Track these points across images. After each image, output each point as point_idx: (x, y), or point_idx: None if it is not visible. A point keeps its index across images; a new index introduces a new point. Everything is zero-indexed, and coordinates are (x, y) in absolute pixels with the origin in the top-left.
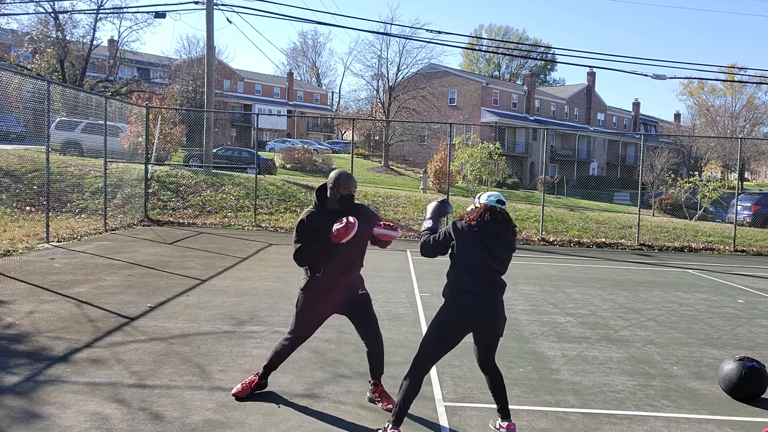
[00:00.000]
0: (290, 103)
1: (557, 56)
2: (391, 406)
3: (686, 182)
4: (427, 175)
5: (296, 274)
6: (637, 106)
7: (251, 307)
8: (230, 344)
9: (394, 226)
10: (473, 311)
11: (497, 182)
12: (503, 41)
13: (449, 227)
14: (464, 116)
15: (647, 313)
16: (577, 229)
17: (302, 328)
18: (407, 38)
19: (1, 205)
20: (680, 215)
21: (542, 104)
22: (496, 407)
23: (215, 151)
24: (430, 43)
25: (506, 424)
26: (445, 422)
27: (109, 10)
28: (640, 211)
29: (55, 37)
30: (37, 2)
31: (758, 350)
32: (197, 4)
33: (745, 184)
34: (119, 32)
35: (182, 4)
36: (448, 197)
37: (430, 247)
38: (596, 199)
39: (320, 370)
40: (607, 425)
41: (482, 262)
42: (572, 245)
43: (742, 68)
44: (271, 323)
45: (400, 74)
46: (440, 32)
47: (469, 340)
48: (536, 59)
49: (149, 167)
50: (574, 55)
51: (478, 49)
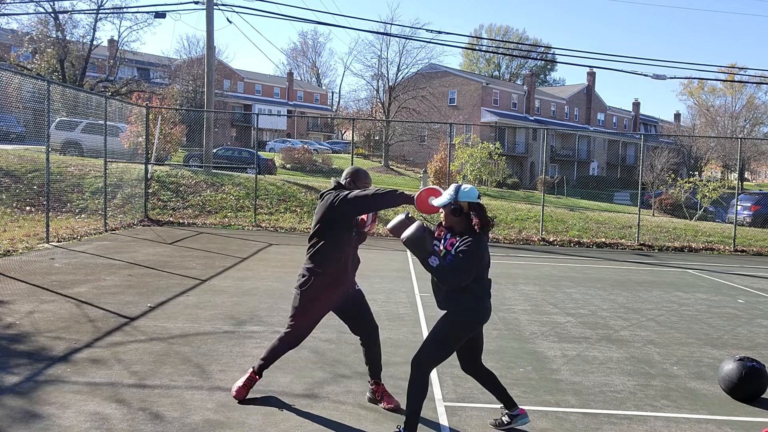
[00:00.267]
0: (290, 103)
1: (557, 56)
2: (392, 405)
3: (686, 182)
4: (427, 175)
5: (296, 274)
6: (637, 106)
7: (251, 307)
8: (230, 344)
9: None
10: (489, 313)
11: (497, 182)
12: (503, 41)
13: (476, 245)
14: (464, 116)
15: (647, 313)
16: (577, 229)
17: (302, 327)
18: (407, 38)
19: (1, 205)
20: (680, 215)
21: (542, 104)
22: (500, 405)
23: (215, 151)
24: (430, 43)
25: (518, 410)
26: (445, 422)
27: (109, 10)
28: (640, 211)
29: (55, 37)
30: (37, 2)
31: (758, 350)
32: (197, 4)
33: (745, 184)
34: (119, 32)
35: (182, 4)
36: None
37: (462, 277)
38: (596, 199)
39: (320, 370)
40: (607, 425)
41: (488, 265)
42: (572, 245)
43: (742, 68)
44: (271, 323)
45: (400, 74)
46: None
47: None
48: (536, 59)
49: (149, 167)
50: (574, 55)
51: (478, 49)
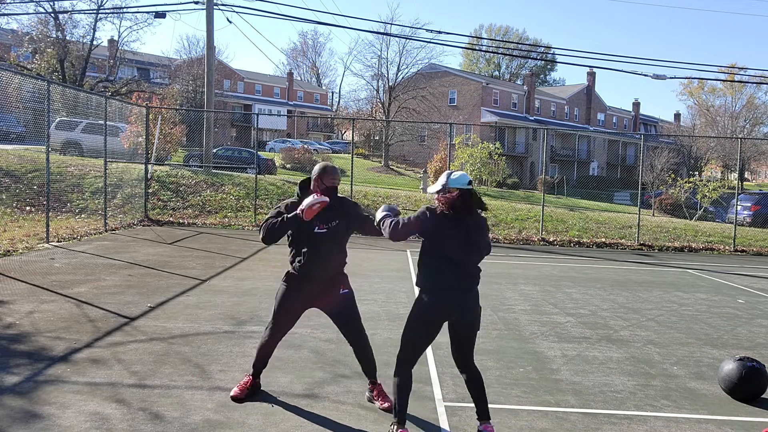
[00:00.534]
0: (290, 103)
1: (557, 56)
2: (387, 405)
3: (686, 182)
4: (427, 175)
5: None
6: (637, 106)
7: (251, 307)
8: (230, 344)
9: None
10: (456, 307)
11: (497, 182)
12: (503, 41)
13: (425, 211)
14: (464, 116)
15: (647, 313)
16: (577, 229)
17: (280, 319)
18: (407, 38)
19: (1, 205)
20: (680, 215)
21: (542, 104)
22: (475, 409)
23: (215, 151)
24: (430, 43)
25: (483, 426)
26: (445, 422)
27: (109, 10)
28: (640, 211)
29: (55, 37)
30: (37, 2)
31: (758, 350)
32: (197, 4)
33: (745, 184)
34: (119, 32)
35: (182, 4)
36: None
37: (400, 229)
38: (596, 199)
39: (320, 370)
40: (607, 425)
41: (465, 255)
42: (572, 245)
43: (742, 68)
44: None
45: (400, 74)
46: (440, 32)
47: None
48: (536, 59)
49: (149, 167)
50: (574, 55)
51: (478, 49)
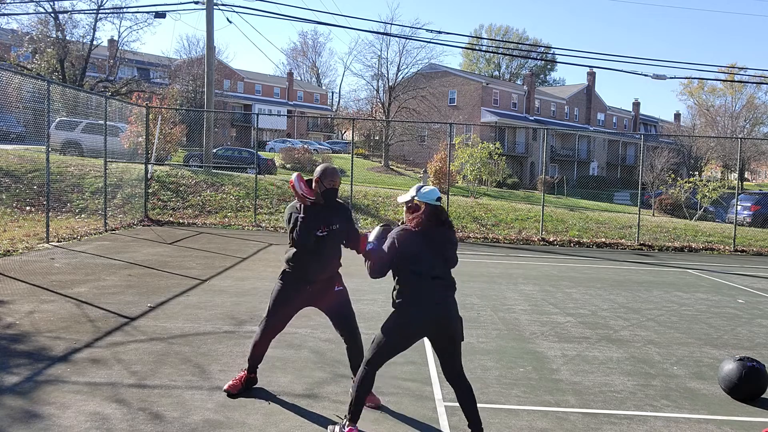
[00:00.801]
0: (290, 103)
1: (557, 56)
2: (374, 403)
3: (686, 182)
4: (427, 175)
5: None
6: (637, 106)
7: (251, 307)
8: (230, 344)
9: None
10: (436, 322)
11: (497, 182)
12: (503, 41)
13: (395, 237)
14: (464, 116)
15: (647, 313)
16: (577, 229)
17: (275, 316)
18: (407, 38)
19: (1, 205)
20: (680, 215)
21: (542, 104)
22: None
23: (215, 151)
24: (430, 43)
25: None
26: (445, 422)
27: (109, 10)
28: (640, 211)
29: (55, 37)
30: (37, 2)
31: (758, 350)
32: (197, 4)
33: (745, 184)
34: (119, 32)
35: (182, 4)
36: (392, 224)
37: (378, 269)
38: (596, 199)
39: (320, 370)
40: (607, 425)
41: (437, 269)
42: (572, 245)
43: (742, 68)
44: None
45: (400, 74)
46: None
47: (466, 340)
48: (536, 59)
49: (149, 167)
50: (574, 55)
51: (478, 49)
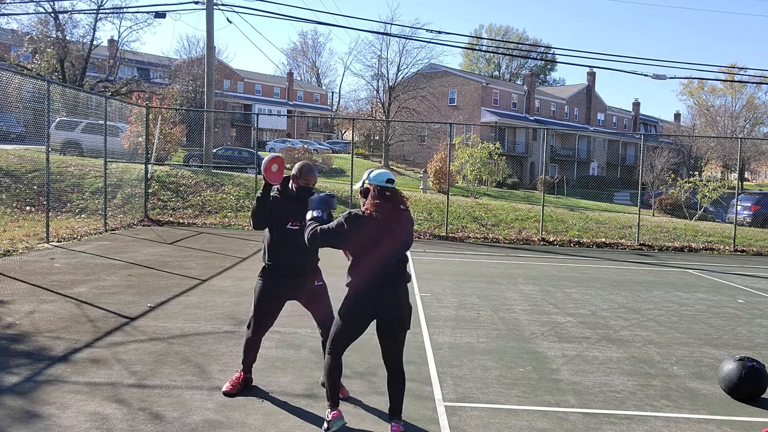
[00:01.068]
0: (290, 103)
1: (557, 56)
2: (343, 394)
3: (686, 182)
4: (427, 175)
5: None
6: (637, 106)
7: (251, 307)
8: (230, 344)
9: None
10: (379, 304)
11: (497, 182)
12: (503, 41)
13: (344, 218)
14: (464, 116)
15: (647, 313)
16: (577, 229)
17: (262, 314)
18: (407, 38)
19: (1, 205)
20: (680, 215)
21: (542, 104)
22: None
23: (215, 151)
24: (430, 43)
25: (392, 425)
26: (445, 422)
27: (109, 10)
28: (640, 211)
29: (55, 37)
30: (37, 2)
31: (758, 350)
32: (197, 4)
33: (745, 184)
34: (119, 32)
35: (182, 4)
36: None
37: (319, 236)
38: (596, 199)
39: (320, 370)
40: (607, 425)
41: (388, 253)
42: (572, 245)
43: (742, 68)
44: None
45: (400, 74)
46: (440, 32)
47: (466, 340)
48: (536, 59)
49: (149, 167)
50: (574, 55)
51: (478, 49)
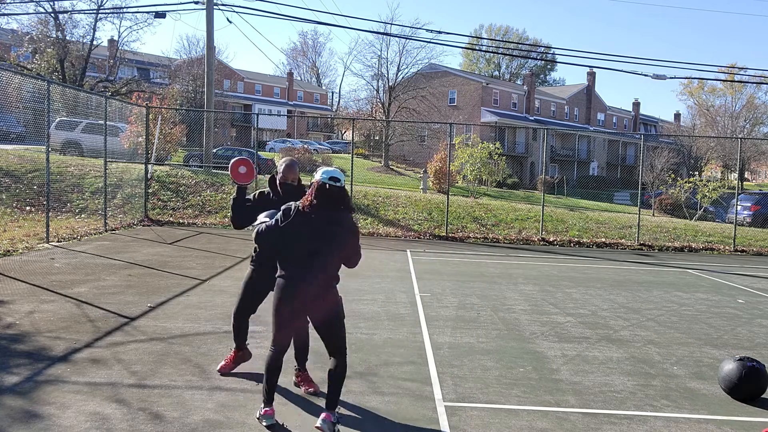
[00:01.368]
0: (290, 103)
1: (557, 56)
2: (312, 389)
3: (686, 182)
4: (427, 175)
5: None
6: (637, 106)
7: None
8: (230, 344)
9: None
10: (298, 298)
11: (497, 182)
12: (503, 41)
13: (281, 212)
14: (464, 116)
15: (647, 313)
16: (577, 229)
17: (246, 299)
18: (407, 38)
19: (1, 205)
20: (680, 215)
21: (542, 104)
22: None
23: (215, 151)
24: (430, 43)
25: (324, 414)
26: (445, 422)
27: (109, 10)
28: (640, 211)
29: (55, 37)
30: (37, 2)
31: (758, 350)
32: (197, 4)
33: (745, 184)
34: (119, 32)
35: (182, 4)
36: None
37: (262, 233)
38: (596, 199)
39: (320, 370)
40: (607, 425)
41: (312, 248)
42: (572, 245)
43: (742, 68)
44: (270, 323)
45: (400, 74)
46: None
47: (466, 340)
48: (536, 59)
49: (149, 167)
50: (574, 55)
51: (478, 49)
